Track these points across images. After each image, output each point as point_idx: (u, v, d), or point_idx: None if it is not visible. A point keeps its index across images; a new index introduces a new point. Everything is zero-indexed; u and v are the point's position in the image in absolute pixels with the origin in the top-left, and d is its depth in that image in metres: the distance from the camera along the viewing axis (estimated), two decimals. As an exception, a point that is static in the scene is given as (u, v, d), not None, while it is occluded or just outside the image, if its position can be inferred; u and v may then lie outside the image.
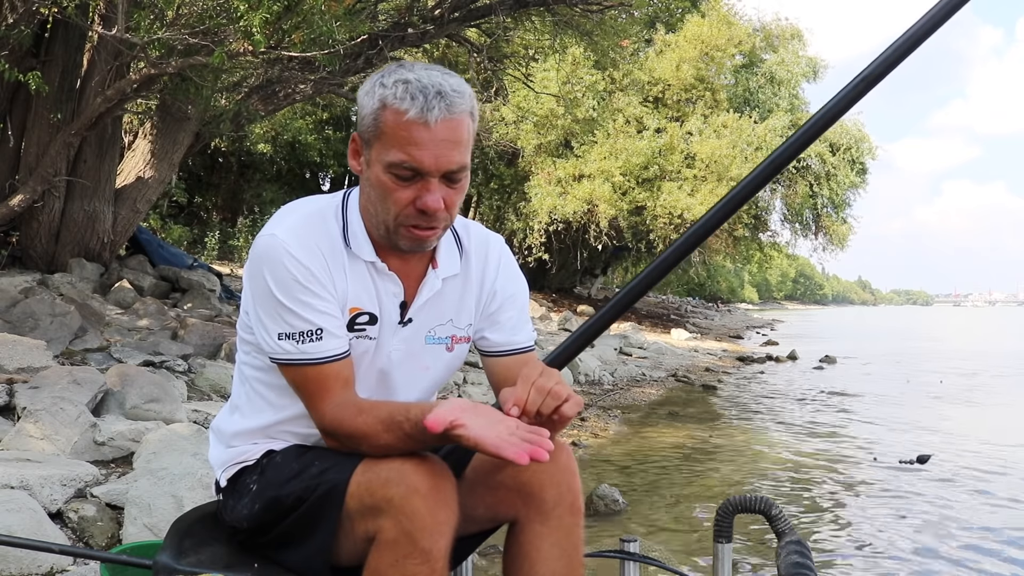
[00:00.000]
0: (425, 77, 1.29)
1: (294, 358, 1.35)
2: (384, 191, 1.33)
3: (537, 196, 19.16)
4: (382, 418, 1.29)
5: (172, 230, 16.31)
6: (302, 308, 1.33)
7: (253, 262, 1.37)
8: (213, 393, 4.99)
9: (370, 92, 1.33)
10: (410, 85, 1.28)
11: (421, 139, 1.28)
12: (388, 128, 1.30)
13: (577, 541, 1.40)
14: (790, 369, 14.08)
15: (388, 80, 1.31)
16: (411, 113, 1.27)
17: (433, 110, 1.27)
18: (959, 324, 37.62)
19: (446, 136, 1.29)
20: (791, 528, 1.60)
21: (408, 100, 1.27)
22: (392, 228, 1.36)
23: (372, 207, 1.37)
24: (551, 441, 1.35)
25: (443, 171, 1.31)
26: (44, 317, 5.29)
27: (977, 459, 6.09)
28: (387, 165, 1.31)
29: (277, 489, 1.36)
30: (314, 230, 1.38)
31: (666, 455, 5.92)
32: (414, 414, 1.25)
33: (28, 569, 2.48)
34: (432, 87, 1.28)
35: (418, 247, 1.39)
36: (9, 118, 7.52)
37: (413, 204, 1.32)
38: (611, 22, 11.68)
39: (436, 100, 1.27)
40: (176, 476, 2.88)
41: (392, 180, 1.31)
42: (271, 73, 8.36)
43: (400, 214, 1.34)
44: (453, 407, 1.21)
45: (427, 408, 1.24)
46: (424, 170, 1.30)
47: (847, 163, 21.53)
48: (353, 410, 1.33)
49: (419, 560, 1.20)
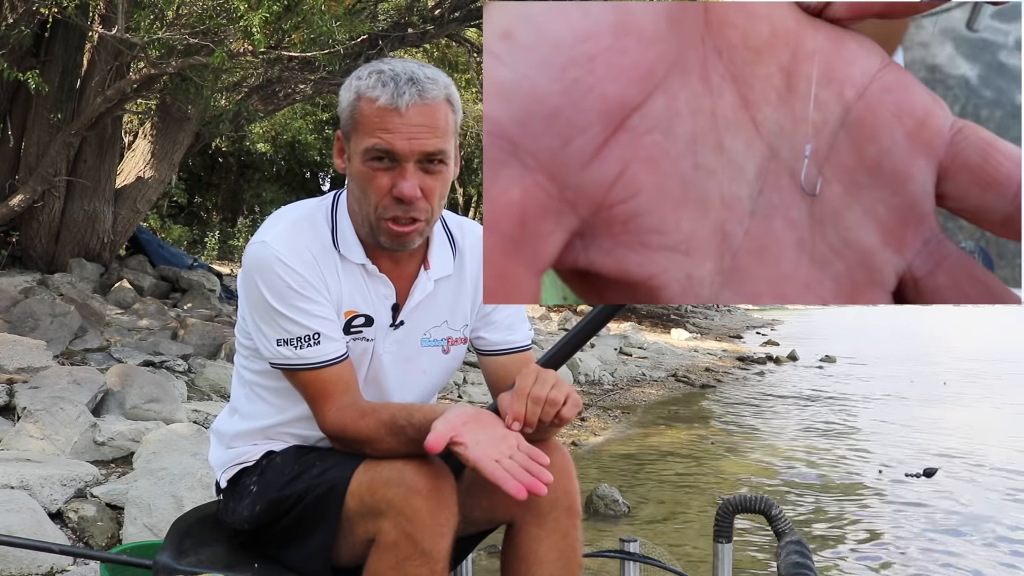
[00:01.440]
0: (399, 66, 1.31)
1: (293, 363, 1.35)
2: (363, 181, 1.33)
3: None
4: (385, 421, 1.30)
5: (172, 230, 16.31)
6: (298, 314, 1.33)
7: (246, 271, 1.37)
8: (213, 393, 4.99)
9: (347, 87, 1.34)
10: (383, 74, 1.30)
11: (393, 124, 1.28)
12: (363, 117, 1.30)
13: (575, 543, 1.40)
14: (790, 369, 14.07)
15: (363, 72, 1.33)
16: (382, 99, 1.28)
17: (404, 95, 1.27)
18: (960, 324, 37.60)
19: (420, 121, 1.28)
20: (791, 528, 1.60)
21: (380, 87, 1.28)
22: (374, 222, 1.35)
23: (356, 203, 1.37)
24: (542, 442, 1.36)
25: (417, 154, 1.29)
26: (44, 317, 5.29)
27: (980, 460, 6.09)
28: (363, 152, 1.31)
29: (277, 490, 1.36)
30: (303, 235, 1.38)
31: (666, 455, 5.92)
32: (417, 419, 1.26)
33: (28, 569, 2.48)
34: (404, 75, 1.29)
35: (399, 245, 1.37)
36: (9, 118, 7.52)
37: (390, 193, 1.31)
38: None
39: (407, 86, 1.28)
40: (176, 476, 2.88)
41: (369, 168, 1.31)
42: (271, 73, 8.37)
43: (379, 204, 1.32)
44: (454, 421, 1.20)
45: (430, 412, 1.25)
46: (397, 153, 1.29)
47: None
48: (355, 414, 1.33)
49: (419, 562, 1.21)
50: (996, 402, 9.90)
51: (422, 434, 1.21)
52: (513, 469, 1.17)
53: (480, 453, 1.17)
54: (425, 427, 1.21)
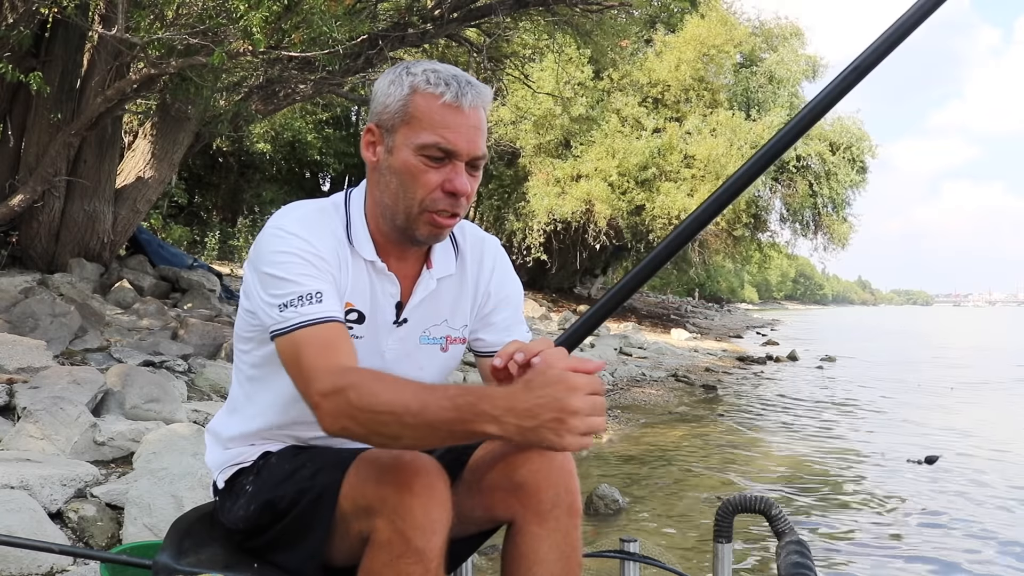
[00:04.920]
0: (451, 68, 1.35)
1: (295, 323, 1.27)
2: (411, 175, 1.34)
3: (535, 196, 19.18)
4: (413, 386, 1.16)
5: (172, 230, 16.30)
6: (303, 278, 1.31)
7: (257, 248, 1.36)
8: (213, 393, 4.99)
9: (396, 82, 1.36)
10: (440, 73, 1.33)
11: (456, 122, 1.32)
12: (420, 112, 1.33)
13: (575, 542, 1.40)
14: (790, 369, 14.08)
15: (415, 69, 1.35)
16: (447, 97, 1.31)
17: (467, 96, 1.32)
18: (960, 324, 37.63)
19: (475, 123, 1.34)
20: (791, 528, 1.60)
21: (443, 85, 1.32)
22: (415, 215, 1.36)
23: (389, 196, 1.38)
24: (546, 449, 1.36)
25: (471, 156, 1.34)
26: (44, 317, 5.29)
27: (982, 460, 6.09)
28: (418, 147, 1.33)
29: (272, 491, 1.36)
30: (319, 224, 1.39)
31: (666, 455, 5.92)
32: (452, 392, 1.13)
33: (28, 569, 2.48)
34: (462, 77, 1.34)
35: (435, 237, 1.40)
36: (9, 118, 7.52)
37: (441, 187, 1.34)
38: (610, 22, 11.68)
39: (468, 87, 1.33)
40: (176, 476, 2.88)
41: (422, 163, 1.33)
42: (271, 73, 8.37)
43: (427, 198, 1.35)
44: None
45: (463, 387, 1.15)
46: (456, 152, 1.33)
47: (847, 162, 21.52)
48: (369, 375, 1.21)
49: (413, 560, 1.20)
50: (999, 402, 9.90)
51: (456, 406, 1.10)
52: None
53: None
54: (460, 402, 1.10)
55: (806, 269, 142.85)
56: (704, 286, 48.54)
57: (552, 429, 1.07)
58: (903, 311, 47.09)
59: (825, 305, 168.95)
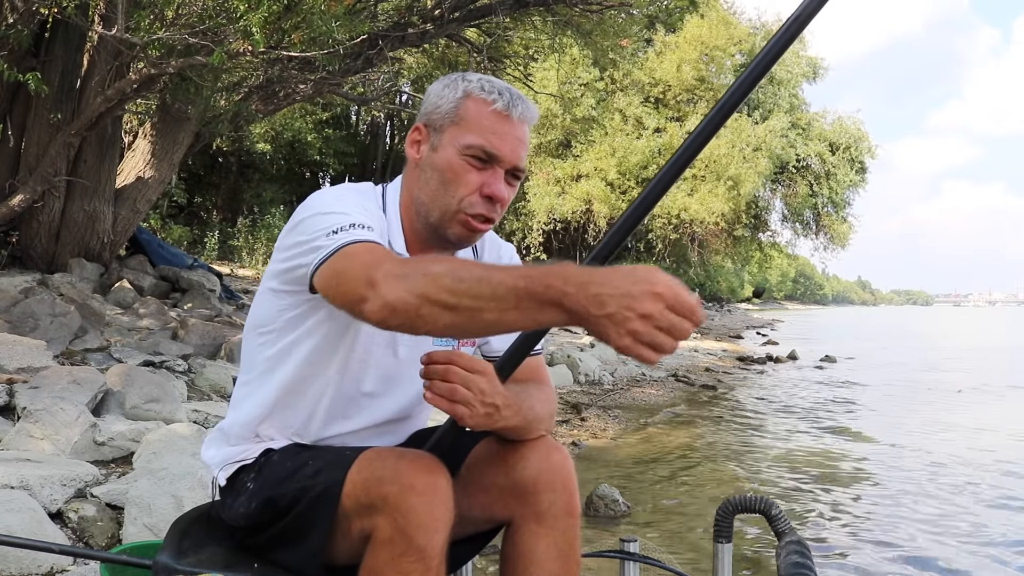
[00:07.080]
0: (505, 84, 1.42)
1: (346, 240, 1.22)
2: (453, 174, 1.37)
3: (535, 196, 19.18)
4: (477, 263, 1.30)
5: (172, 230, 16.31)
6: (357, 214, 1.29)
7: (305, 206, 1.35)
8: (213, 393, 4.99)
9: (450, 85, 1.41)
10: (494, 84, 1.40)
11: (503, 129, 1.37)
12: (470, 115, 1.38)
13: (574, 542, 1.40)
14: (790, 369, 14.08)
15: (471, 77, 1.42)
16: (498, 104, 1.37)
17: (517, 107, 1.38)
18: (960, 324, 37.64)
19: (520, 135, 1.40)
20: (791, 528, 1.60)
21: (496, 94, 1.38)
22: (450, 215, 1.38)
23: (427, 194, 1.40)
24: (541, 441, 1.39)
25: (513, 164, 1.39)
26: (44, 317, 5.29)
27: (983, 460, 6.09)
28: (463, 147, 1.37)
29: (273, 488, 1.36)
30: (368, 198, 1.44)
31: (666, 455, 5.91)
32: (522, 267, 1.07)
33: (28, 569, 2.48)
34: (515, 91, 1.41)
35: (466, 240, 1.42)
36: (9, 118, 7.52)
37: (480, 190, 1.37)
38: (611, 22, 11.67)
39: (519, 101, 1.39)
40: (176, 476, 2.88)
41: (465, 163, 1.37)
42: (271, 73, 8.37)
43: (465, 199, 1.37)
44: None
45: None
46: (499, 157, 1.37)
47: (847, 162, 21.55)
48: (425, 261, 1.12)
49: (415, 558, 1.20)
50: (1000, 401, 9.89)
51: (524, 274, 1.02)
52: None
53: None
54: (529, 271, 1.03)
55: (806, 269, 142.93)
56: (704, 286, 48.52)
57: (617, 324, 0.97)
58: (903, 311, 46.97)
59: (825, 305, 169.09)
